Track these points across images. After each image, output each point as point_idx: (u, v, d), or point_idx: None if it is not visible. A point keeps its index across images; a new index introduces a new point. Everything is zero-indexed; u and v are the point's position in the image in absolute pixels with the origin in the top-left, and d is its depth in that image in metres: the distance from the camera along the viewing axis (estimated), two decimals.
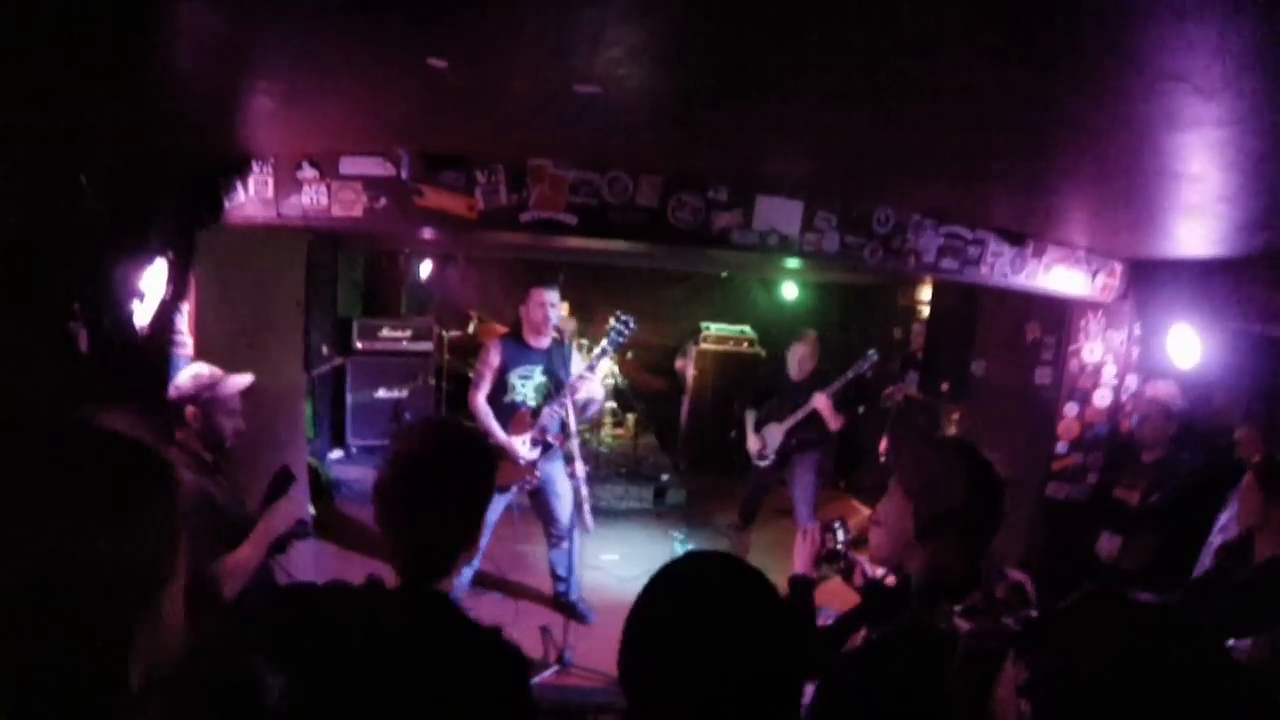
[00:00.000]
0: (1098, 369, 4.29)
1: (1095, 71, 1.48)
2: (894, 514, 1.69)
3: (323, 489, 5.94)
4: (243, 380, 2.67)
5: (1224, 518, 3.24)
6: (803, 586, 2.40)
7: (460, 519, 1.57)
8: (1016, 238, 3.68)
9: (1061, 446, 4.34)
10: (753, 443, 5.56)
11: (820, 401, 5.08)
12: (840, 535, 2.34)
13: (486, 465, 1.64)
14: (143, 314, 3.24)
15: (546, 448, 4.39)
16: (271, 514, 2.50)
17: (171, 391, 2.57)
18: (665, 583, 1.16)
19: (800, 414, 5.24)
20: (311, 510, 5.06)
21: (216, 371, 2.65)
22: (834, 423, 5.16)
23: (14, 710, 0.73)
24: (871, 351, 5.23)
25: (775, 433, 5.40)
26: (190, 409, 2.53)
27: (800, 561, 2.39)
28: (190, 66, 1.94)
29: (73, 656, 0.76)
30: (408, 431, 1.68)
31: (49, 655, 0.75)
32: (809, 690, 1.58)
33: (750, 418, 5.66)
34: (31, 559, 0.75)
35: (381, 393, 7.00)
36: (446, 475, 1.55)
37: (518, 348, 4.38)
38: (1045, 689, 0.93)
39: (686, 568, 1.19)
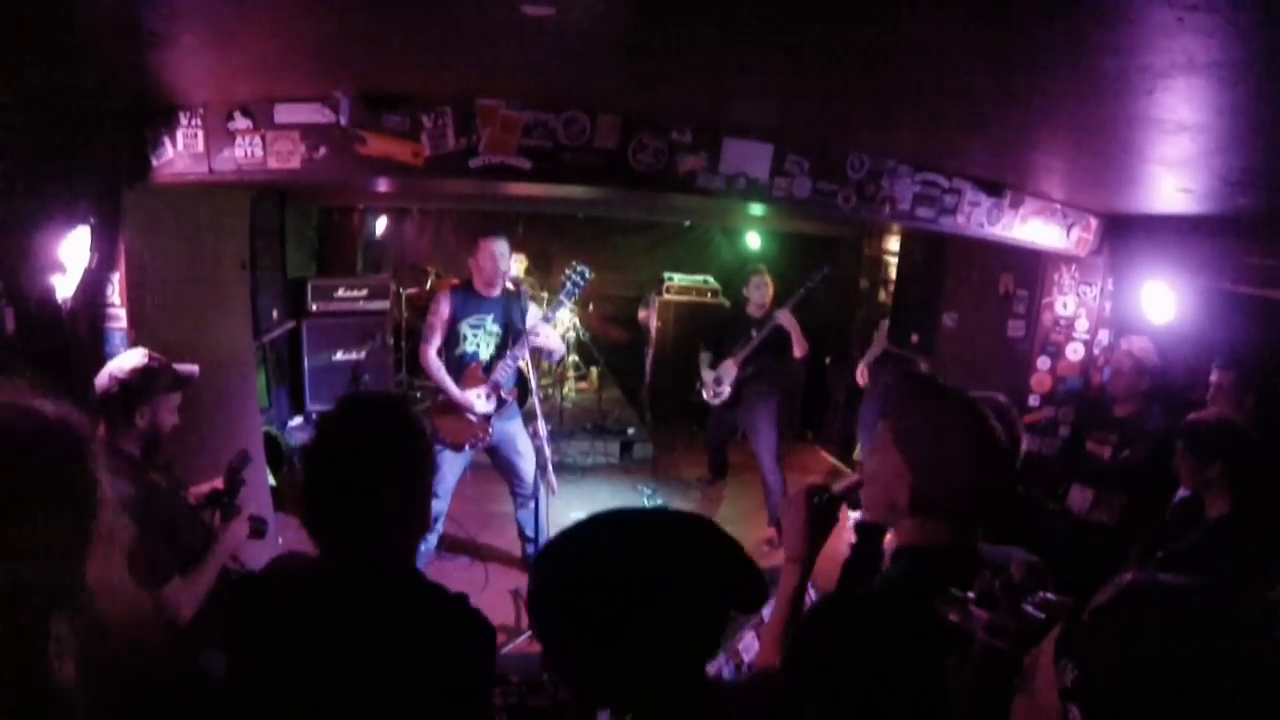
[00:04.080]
0: (1070, 323, 4.28)
1: (1116, 11, 1.35)
2: (885, 473, 1.51)
3: (283, 458, 5.76)
4: (193, 370, 2.46)
5: None
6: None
7: (390, 508, 1.43)
8: (994, 188, 3.58)
9: (1034, 399, 4.34)
10: (706, 376, 5.57)
11: (785, 317, 5.08)
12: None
13: (414, 445, 1.50)
14: (66, 287, 2.98)
15: (501, 402, 4.30)
16: (225, 537, 2.36)
17: (109, 384, 2.28)
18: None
19: (758, 339, 5.22)
20: (272, 481, 4.89)
21: (162, 359, 2.40)
22: (800, 346, 5.13)
23: None
24: (825, 266, 5.28)
25: (729, 366, 5.38)
26: (142, 409, 2.28)
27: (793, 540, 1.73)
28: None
29: None
30: (327, 415, 1.51)
31: None
32: None
33: (705, 357, 5.65)
34: None
35: (339, 355, 6.81)
36: (367, 462, 1.41)
37: (468, 297, 4.29)
38: (1098, 693, 0.86)
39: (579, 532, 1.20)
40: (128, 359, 2.35)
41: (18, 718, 0.76)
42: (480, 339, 4.29)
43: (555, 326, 4.33)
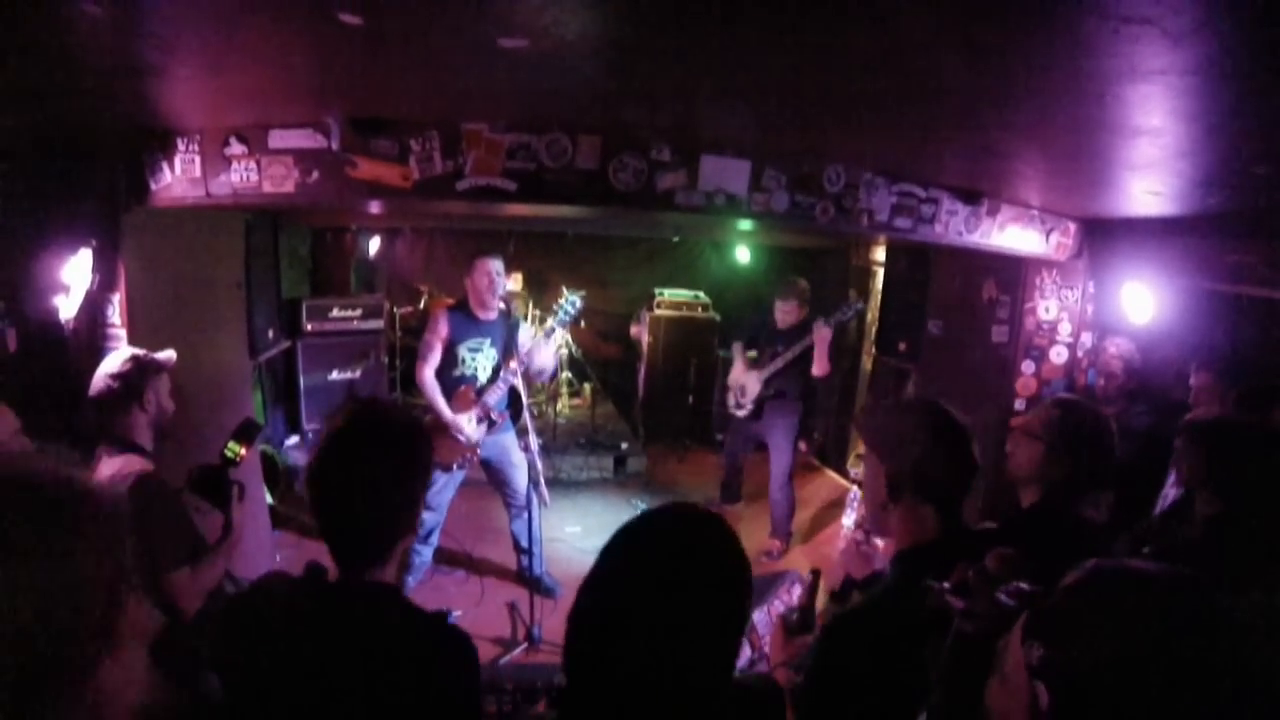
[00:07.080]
0: (1053, 327, 4.35)
1: (1052, 20, 1.42)
2: (868, 477, 1.74)
3: (279, 477, 5.79)
4: (171, 355, 2.55)
5: (1174, 473, 3.29)
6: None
7: (388, 503, 1.49)
8: (971, 196, 3.65)
9: (1019, 403, 4.39)
10: (733, 378, 5.48)
11: (823, 332, 4.89)
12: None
13: (416, 446, 1.56)
14: (68, 308, 3.05)
15: (491, 425, 4.36)
16: (236, 527, 2.39)
17: (107, 383, 2.36)
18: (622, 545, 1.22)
19: (789, 355, 5.10)
20: (270, 499, 4.93)
21: (142, 353, 2.50)
22: (822, 365, 4.97)
23: None
24: (857, 299, 5.21)
25: (753, 380, 5.32)
26: (146, 394, 2.38)
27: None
28: (82, 28, 1.78)
29: None
30: (336, 413, 1.57)
31: None
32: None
33: (738, 348, 5.50)
34: None
35: (334, 374, 6.86)
36: (371, 457, 1.48)
37: (466, 319, 4.32)
38: (1063, 671, 0.90)
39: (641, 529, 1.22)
40: (114, 360, 2.43)
41: None
42: (478, 362, 4.33)
43: (546, 347, 4.40)
